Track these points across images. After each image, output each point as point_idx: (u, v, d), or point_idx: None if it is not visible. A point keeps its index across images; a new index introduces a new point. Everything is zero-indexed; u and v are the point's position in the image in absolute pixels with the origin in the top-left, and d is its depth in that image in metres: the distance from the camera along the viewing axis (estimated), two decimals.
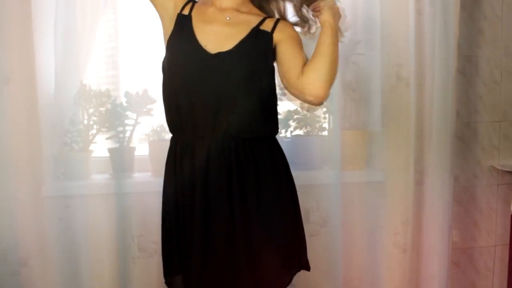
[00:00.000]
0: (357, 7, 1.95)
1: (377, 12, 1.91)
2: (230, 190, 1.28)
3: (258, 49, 1.29)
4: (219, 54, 1.26)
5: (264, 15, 1.37)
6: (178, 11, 1.34)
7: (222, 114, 1.26)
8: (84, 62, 1.81)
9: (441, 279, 2.00)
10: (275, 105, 1.36)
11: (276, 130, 1.38)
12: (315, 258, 1.90)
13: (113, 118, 1.83)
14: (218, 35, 1.28)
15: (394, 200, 2.00)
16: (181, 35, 1.31)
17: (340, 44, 1.88)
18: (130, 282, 1.83)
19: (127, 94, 1.84)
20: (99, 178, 1.89)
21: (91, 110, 1.82)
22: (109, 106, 1.83)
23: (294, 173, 1.44)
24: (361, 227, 1.99)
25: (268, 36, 1.30)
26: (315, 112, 1.99)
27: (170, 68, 1.31)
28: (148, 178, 1.89)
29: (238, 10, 1.34)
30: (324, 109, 1.98)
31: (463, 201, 2.21)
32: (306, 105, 2.00)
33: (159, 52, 1.42)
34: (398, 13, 1.94)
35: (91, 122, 1.83)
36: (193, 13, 1.33)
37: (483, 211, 2.25)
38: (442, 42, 1.92)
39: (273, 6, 1.41)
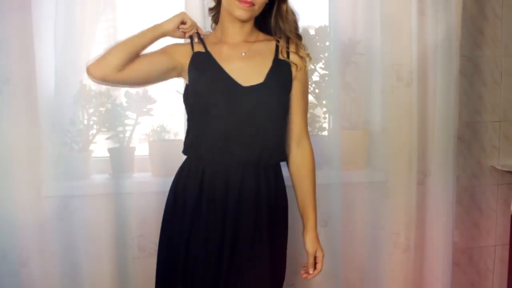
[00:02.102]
0: (357, 7, 1.95)
1: (378, 12, 1.91)
2: (260, 215, 1.33)
3: (283, 80, 1.35)
4: (253, 87, 1.29)
5: (271, 38, 1.38)
6: (191, 52, 1.35)
7: (256, 144, 1.30)
8: (84, 62, 1.80)
9: (445, 280, 1.99)
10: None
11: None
12: None
13: (113, 118, 1.83)
14: (241, 70, 1.31)
15: (395, 200, 1.99)
16: (207, 69, 1.32)
17: (340, 44, 1.91)
18: (130, 282, 1.83)
19: (127, 94, 1.84)
20: (99, 178, 1.88)
21: (91, 110, 1.82)
22: (109, 106, 1.83)
23: None
24: (361, 227, 1.99)
25: (288, 67, 1.36)
26: (315, 112, 1.99)
27: (201, 100, 1.32)
28: (148, 178, 1.89)
29: (247, 41, 1.36)
30: (324, 109, 1.97)
31: (463, 201, 2.21)
32: None
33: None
34: (399, 13, 1.94)
35: (91, 122, 1.83)
36: (210, 50, 1.34)
37: (483, 211, 2.25)
38: (444, 42, 1.93)
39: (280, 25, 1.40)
